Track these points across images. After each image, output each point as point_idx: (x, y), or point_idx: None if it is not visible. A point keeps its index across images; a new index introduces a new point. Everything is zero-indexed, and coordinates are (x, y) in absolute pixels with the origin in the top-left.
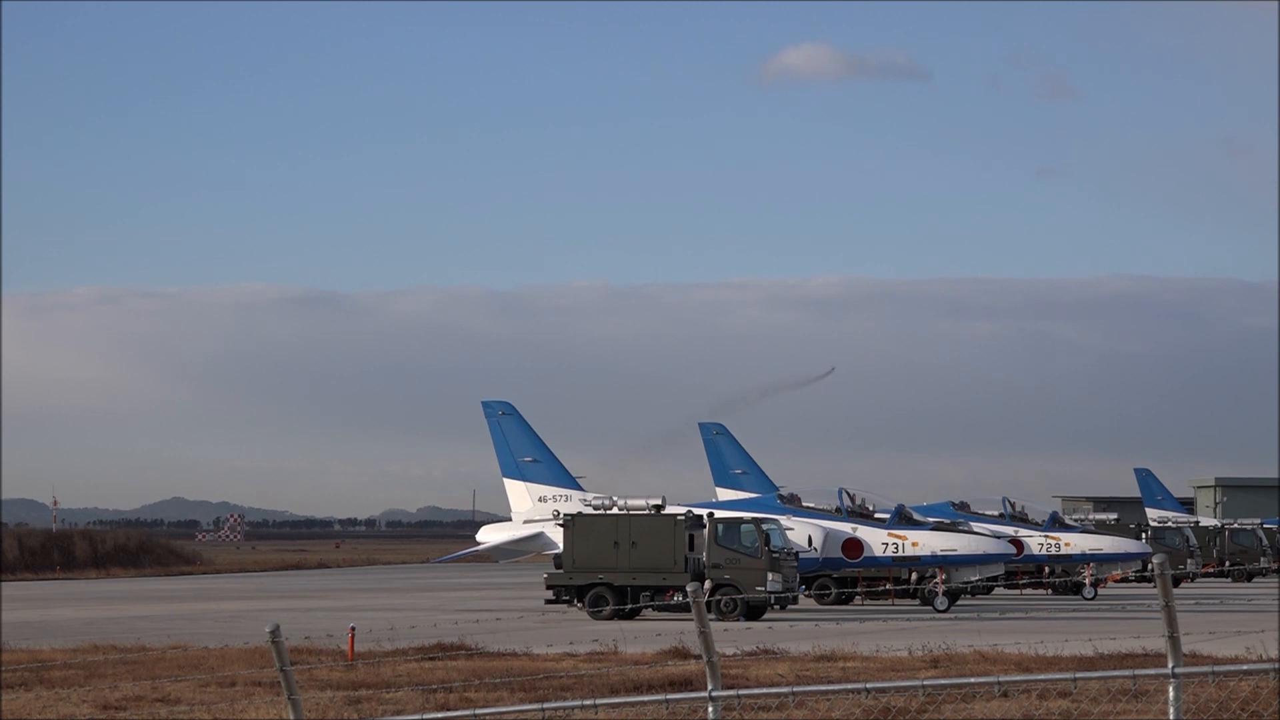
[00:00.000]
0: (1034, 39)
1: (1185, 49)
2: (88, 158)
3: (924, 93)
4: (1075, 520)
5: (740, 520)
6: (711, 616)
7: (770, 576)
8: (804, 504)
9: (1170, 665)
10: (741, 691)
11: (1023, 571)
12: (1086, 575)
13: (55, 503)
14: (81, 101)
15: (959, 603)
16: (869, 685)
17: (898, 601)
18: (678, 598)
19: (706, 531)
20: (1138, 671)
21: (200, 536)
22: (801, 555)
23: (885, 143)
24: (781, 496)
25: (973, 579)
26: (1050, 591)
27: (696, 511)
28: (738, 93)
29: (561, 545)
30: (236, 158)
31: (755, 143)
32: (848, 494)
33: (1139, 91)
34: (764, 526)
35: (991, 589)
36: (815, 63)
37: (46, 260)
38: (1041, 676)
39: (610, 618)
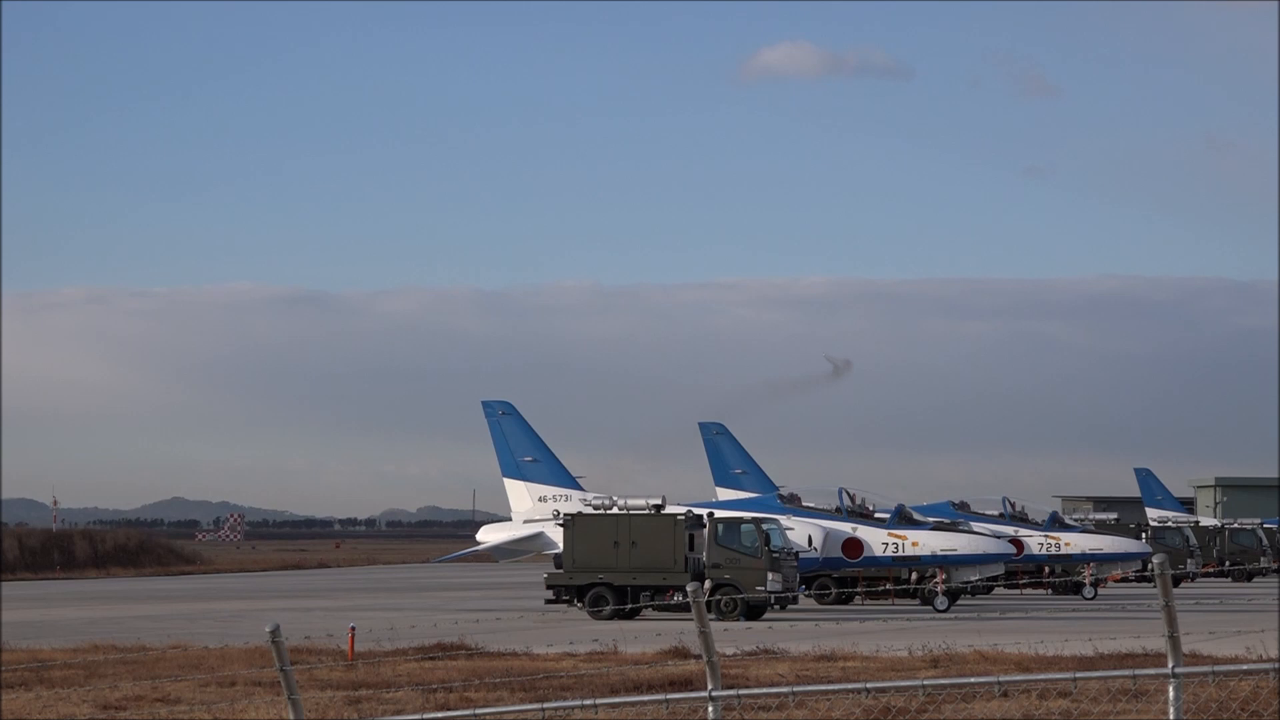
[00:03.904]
0: (1012, 38)
1: (1164, 47)
2: (76, 158)
3: (906, 91)
4: (1075, 520)
5: (740, 520)
6: (711, 616)
7: (770, 576)
8: (804, 504)
9: (1170, 665)
10: (741, 691)
11: (1023, 571)
12: (1086, 575)
13: (55, 503)
14: (70, 102)
15: (959, 603)
16: (869, 685)
17: (898, 601)
18: (678, 598)
19: (706, 531)
20: (1138, 671)
21: (200, 536)
22: (801, 555)
23: (871, 142)
24: (781, 496)
25: (973, 579)
26: (1050, 591)
27: (696, 511)
28: (720, 92)
29: (561, 545)
30: (224, 158)
31: (741, 142)
32: (848, 494)
33: (1119, 90)
34: (764, 526)
35: (991, 589)
36: (796, 61)
37: (36, 260)
38: (1041, 676)
39: (610, 618)
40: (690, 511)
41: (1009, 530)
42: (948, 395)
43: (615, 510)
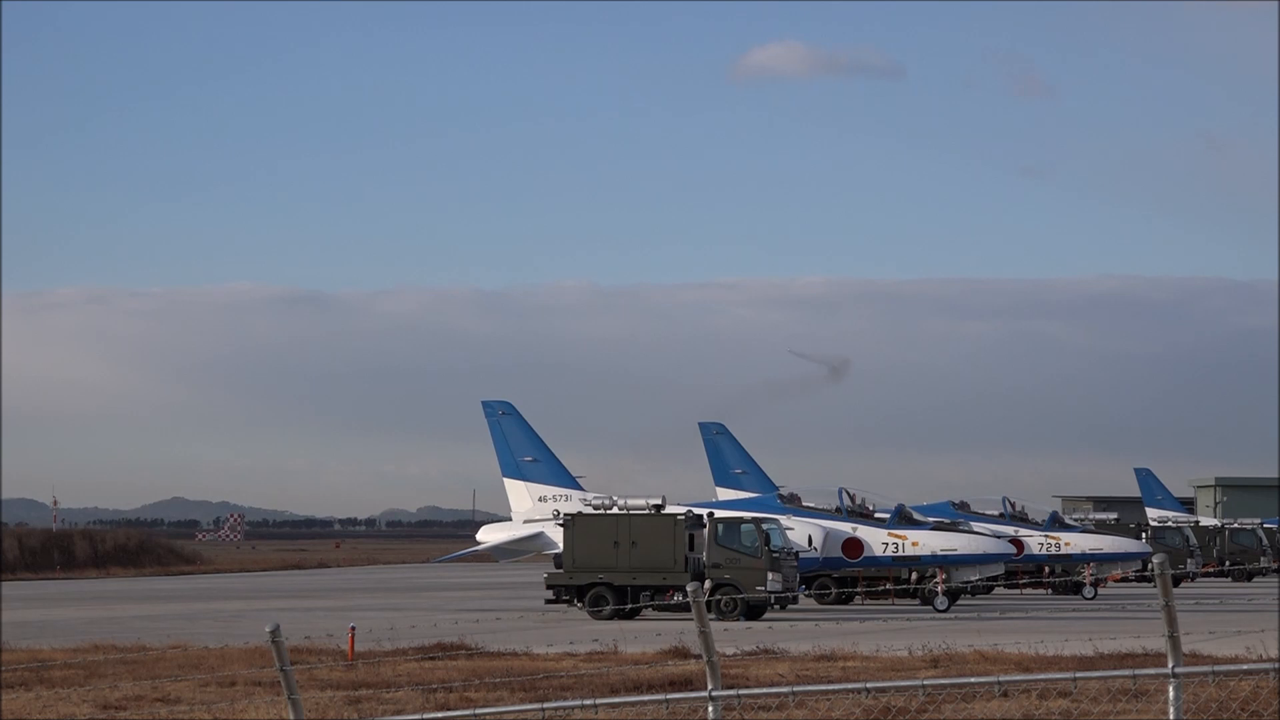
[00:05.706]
0: (1008, 37)
1: (1163, 47)
2: (76, 158)
3: (900, 90)
4: (1075, 520)
5: (740, 520)
6: (711, 616)
7: (770, 576)
8: (804, 504)
9: (1170, 665)
10: (741, 691)
11: (1023, 571)
12: (1086, 575)
13: (55, 503)
14: (70, 102)
15: (959, 603)
16: (869, 685)
17: (898, 601)
18: (678, 597)
19: (706, 531)
20: (1138, 671)
21: (200, 536)
22: (801, 555)
23: (869, 141)
24: (781, 496)
25: (973, 579)
26: (1050, 591)
27: (696, 511)
28: (716, 91)
29: (561, 545)
30: (224, 158)
31: (740, 142)
32: (848, 494)
33: (1117, 89)
34: (764, 526)
35: (991, 589)
36: (788, 61)
37: (36, 260)
38: (1041, 676)
39: (610, 618)
40: (690, 511)
41: (1009, 530)
42: (948, 395)
43: (615, 510)
